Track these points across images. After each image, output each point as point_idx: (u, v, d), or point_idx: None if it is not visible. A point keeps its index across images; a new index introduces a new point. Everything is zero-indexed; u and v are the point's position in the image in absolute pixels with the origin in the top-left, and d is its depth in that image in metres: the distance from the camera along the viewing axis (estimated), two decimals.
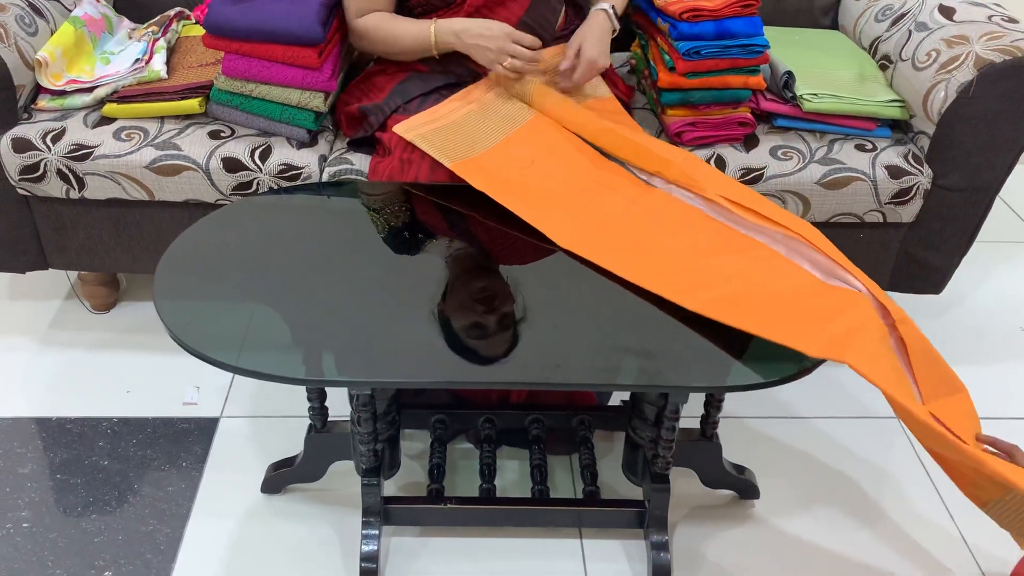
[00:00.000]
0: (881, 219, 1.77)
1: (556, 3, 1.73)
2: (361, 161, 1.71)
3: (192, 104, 1.73)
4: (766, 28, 1.70)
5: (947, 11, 1.79)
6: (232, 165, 1.69)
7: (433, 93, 1.69)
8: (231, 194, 1.72)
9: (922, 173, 1.73)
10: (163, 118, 1.75)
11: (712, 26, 1.66)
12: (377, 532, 1.47)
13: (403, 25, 1.68)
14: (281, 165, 1.70)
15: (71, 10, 1.91)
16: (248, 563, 1.51)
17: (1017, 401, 1.89)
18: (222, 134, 1.73)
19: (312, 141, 1.75)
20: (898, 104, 1.77)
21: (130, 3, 2.03)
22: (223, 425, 1.76)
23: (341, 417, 1.54)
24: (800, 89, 1.75)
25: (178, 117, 1.76)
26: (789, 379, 1.20)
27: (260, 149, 1.71)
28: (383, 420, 1.45)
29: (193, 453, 1.70)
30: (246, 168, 1.70)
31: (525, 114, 1.63)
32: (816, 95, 1.74)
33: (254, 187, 1.72)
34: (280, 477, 1.61)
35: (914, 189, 1.73)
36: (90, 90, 1.76)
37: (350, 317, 1.28)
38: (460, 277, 1.37)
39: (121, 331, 1.99)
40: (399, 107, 1.67)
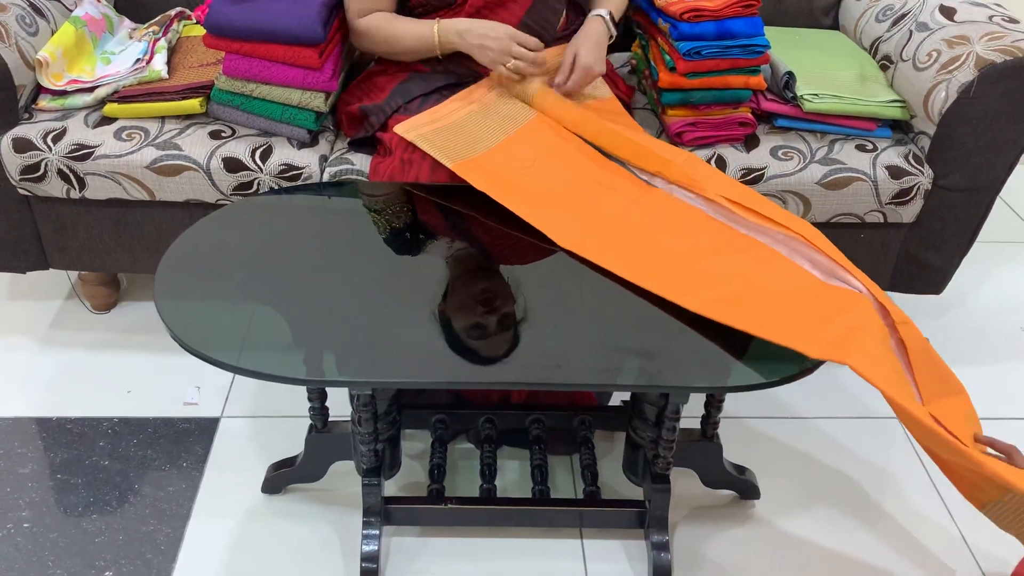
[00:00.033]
0: (882, 219, 1.77)
1: (557, 4, 1.73)
2: (362, 161, 1.71)
3: (193, 104, 1.73)
4: (767, 28, 1.70)
5: (948, 11, 1.79)
6: (233, 165, 1.69)
7: (434, 93, 1.69)
8: (232, 194, 1.72)
9: (923, 173, 1.73)
10: (164, 118, 1.75)
11: (713, 26, 1.66)
12: (378, 532, 1.47)
13: (405, 25, 1.68)
14: (282, 165, 1.70)
15: (72, 10, 1.91)
16: (249, 563, 1.51)
17: (1018, 401, 1.89)
18: (223, 134, 1.73)
19: (313, 141, 1.75)
20: (899, 104, 1.77)
21: (131, 3, 2.03)
22: (224, 425, 1.76)
23: (342, 417, 1.54)
24: (801, 89, 1.75)
25: (179, 117, 1.76)
26: (790, 379, 1.19)
27: (261, 149, 1.71)
28: (384, 420, 1.45)
29: (194, 453, 1.70)
30: (247, 168, 1.70)
31: (526, 114, 1.63)
32: (817, 95, 1.74)
33: (255, 187, 1.72)
34: (281, 477, 1.61)
35: (915, 189, 1.73)
36: (91, 90, 1.76)
37: (351, 317, 1.28)
38: (461, 277, 1.37)
39: (122, 331, 1.99)
40: (400, 107, 1.67)
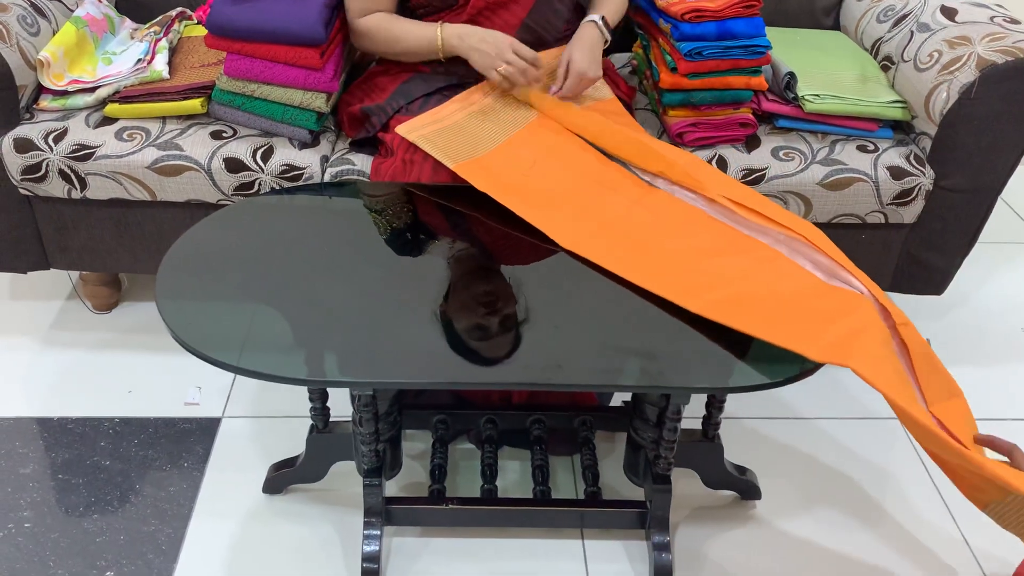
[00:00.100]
0: (883, 220, 1.77)
1: (559, 5, 1.73)
2: (363, 162, 1.71)
3: (194, 104, 1.73)
4: (768, 29, 1.70)
5: (949, 12, 1.79)
6: (234, 165, 1.69)
7: (435, 94, 1.69)
8: (233, 194, 1.72)
9: (924, 174, 1.73)
10: (165, 118, 1.75)
11: (714, 27, 1.66)
12: (379, 532, 1.47)
13: (407, 27, 1.68)
14: (283, 165, 1.70)
15: (73, 10, 1.91)
16: (250, 563, 1.51)
17: (1018, 402, 1.89)
18: (224, 134, 1.73)
19: (314, 142, 1.75)
20: (900, 105, 1.77)
21: (132, 3, 2.03)
22: (225, 425, 1.76)
23: (343, 417, 1.54)
24: (802, 90, 1.75)
25: (180, 117, 1.76)
26: (791, 380, 1.19)
27: (262, 149, 1.71)
28: (385, 420, 1.45)
29: (195, 453, 1.70)
30: (248, 168, 1.70)
31: (527, 115, 1.63)
32: (818, 96, 1.74)
33: (256, 187, 1.72)
34: (282, 477, 1.61)
35: (916, 190, 1.73)
36: (92, 90, 1.76)
37: (352, 318, 1.28)
38: (462, 278, 1.36)
39: (123, 331, 1.99)
40: (401, 108, 1.67)
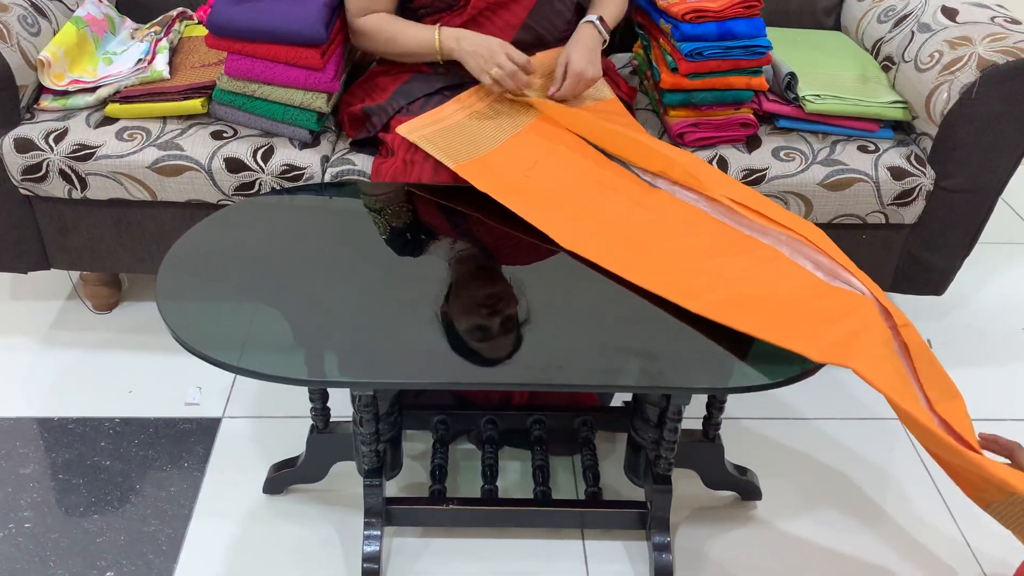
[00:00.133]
0: (883, 220, 1.77)
1: (560, 5, 1.73)
2: (364, 162, 1.71)
3: (195, 104, 1.73)
4: (769, 29, 1.70)
5: (950, 12, 1.79)
6: (234, 165, 1.69)
7: (436, 94, 1.69)
8: (233, 195, 1.72)
9: (924, 174, 1.73)
10: (165, 118, 1.75)
11: (715, 27, 1.66)
12: (379, 533, 1.47)
13: (405, 28, 1.68)
14: (283, 166, 1.70)
15: (74, 10, 1.91)
16: (250, 563, 1.51)
17: (1019, 402, 1.89)
18: (224, 134, 1.73)
19: (315, 142, 1.75)
20: (901, 105, 1.77)
21: (133, 3, 2.03)
22: (225, 425, 1.76)
23: (343, 418, 1.54)
24: (803, 90, 1.75)
25: (180, 117, 1.76)
26: (792, 381, 1.19)
27: (262, 150, 1.71)
28: (385, 421, 1.45)
29: (195, 453, 1.70)
30: (248, 168, 1.70)
31: (528, 116, 1.63)
32: (819, 96, 1.74)
33: (256, 188, 1.72)
34: (282, 478, 1.61)
35: (916, 190, 1.73)
36: (93, 90, 1.76)
37: (352, 318, 1.28)
38: (462, 278, 1.36)
39: (123, 331, 1.99)
40: (402, 108, 1.67)
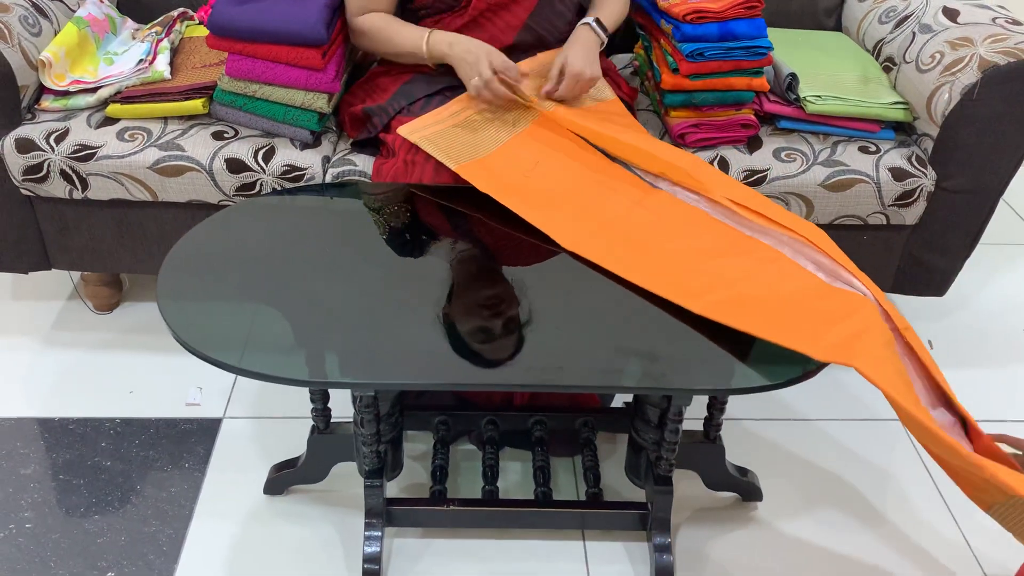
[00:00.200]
0: (884, 221, 1.77)
1: (561, 6, 1.73)
2: (365, 162, 1.71)
3: (196, 105, 1.73)
4: (770, 30, 1.70)
5: (951, 13, 1.79)
6: (235, 166, 1.69)
7: (437, 95, 1.68)
8: (234, 195, 1.72)
9: (926, 175, 1.73)
10: (166, 119, 1.75)
11: (716, 28, 1.65)
12: (380, 533, 1.47)
13: (400, 29, 1.68)
14: (284, 166, 1.70)
15: (75, 10, 1.91)
16: (250, 564, 1.51)
17: (1019, 403, 1.89)
18: (225, 135, 1.73)
19: (316, 142, 1.75)
20: (902, 106, 1.77)
21: (134, 3, 2.04)
22: (226, 426, 1.76)
23: (344, 418, 1.54)
24: (804, 91, 1.75)
25: (182, 118, 1.76)
26: (793, 382, 1.19)
27: (263, 150, 1.71)
28: (386, 422, 1.45)
29: (196, 454, 1.70)
30: (249, 169, 1.70)
31: (529, 117, 1.63)
32: (820, 97, 1.73)
33: (257, 188, 1.72)
34: (283, 478, 1.61)
35: (917, 191, 1.73)
36: (94, 90, 1.76)
37: (353, 318, 1.28)
38: (463, 279, 1.36)
39: (124, 331, 1.99)
40: (403, 108, 1.67)
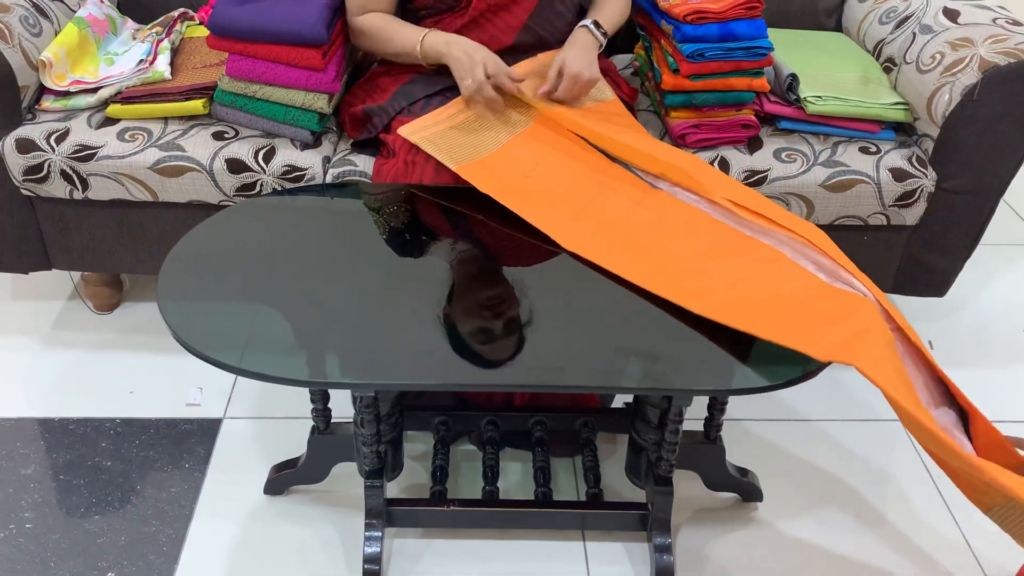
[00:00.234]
0: (885, 222, 1.77)
1: (561, 7, 1.73)
2: (365, 163, 1.71)
3: (196, 105, 1.73)
4: (770, 30, 1.70)
5: (951, 14, 1.79)
6: (236, 166, 1.69)
7: (437, 95, 1.68)
8: (235, 195, 1.72)
9: (926, 176, 1.72)
10: (167, 119, 1.75)
11: (716, 28, 1.65)
12: (380, 534, 1.47)
13: (398, 28, 1.68)
14: (285, 166, 1.70)
15: (75, 11, 1.91)
16: (251, 564, 1.51)
17: (1020, 404, 1.89)
18: (226, 135, 1.73)
19: (316, 143, 1.75)
20: (902, 107, 1.77)
21: (134, 4, 2.04)
22: (226, 426, 1.76)
23: (344, 419, 1.54)
24: (804, 91, 1.75)
25: (182, 118, 1.76)
26: (793, 382, 1.19)
27: (264, 150, 1.71)
28: (386, 422, 1.45)
29: (196, 454, 1.70)
30: (250, 169, 1.70)
31: (529, 117, 1.63)
32: (820, 97, 1.73)
33: (258, 188, 1.72)
34: (283, 478, 1.61)
35: (918, 192, 1.73)
36: (94, 91, 1.76)
37: (353, 319, 1.28)
38: (464, 279, 1.36)
39: (124, 332, 1.99)
40: (403, 109, 1.67)
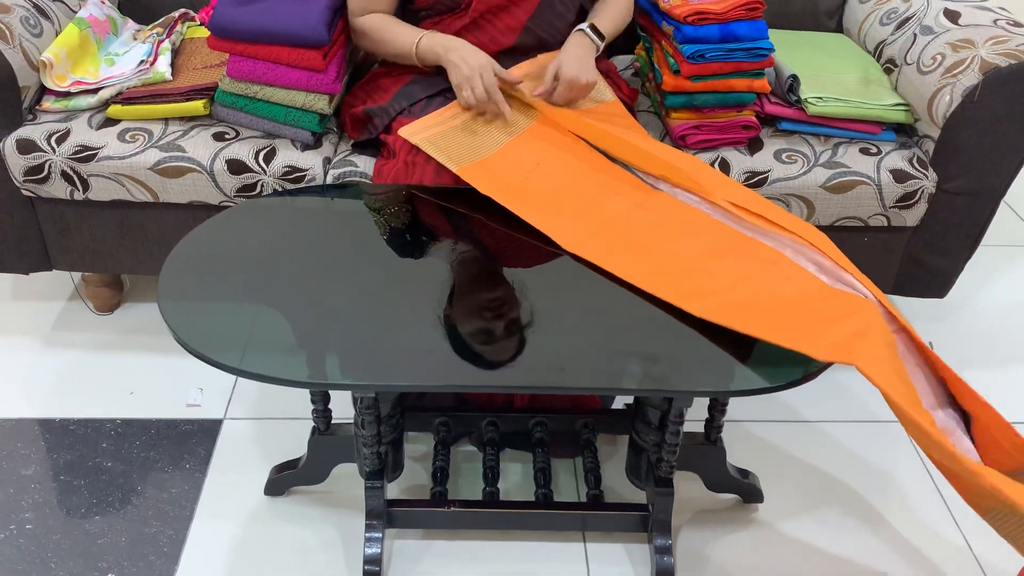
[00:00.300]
0: (886, 223, 1.77)
1: (561, 8, 1.72)
2: (365, 163, 1.71)
3: (196, 106, 1.73)
4: (771, 31, 1.70)
5: (952, 15, 1.79)
6: (236, 167, 1.69)
7: (437, 96, 1.68)
8: (235, 196, 1.72)
9: (927, 177, 1.72)
10: (167, 120, 1.75)
11: (717, 29, 1.65)
12: (380, 535, 1.47)
13: (397, 30, 1.68)
14: (285, 167, 1.70)
15: (76, 11, 1.91)
16: (251, 565, 1.51)
17: (1020, 404, 1.89)
18: (226, 136, 1.73)
19: (316, 143, 1.75)
20: (903, 108, 1.77)
21: (135, 4, 2.04)
22: (226, 427, 1.76)
23: (345, 420, 1.54)
24: (805, 92, 1.74)
25: (182, 119, 1.76)
26: (794, 384, 1.19)
27: (264, 151, 1.71)
28: (387, 423, 1.45)
29: (196, 455, 1.70)
30: (250, 170, 1.70)
31: (529, 118, 1.63)
32: (821, 98, 1.73)
33: (258, 189, 1.72)
34: (283, 479, 1.61)
35: (919, 193, 1.72)
36: (95, 91, 1.76)
37: (354, 320, 1.28)
38: (464, 280, 1.36)
39: (125, 332, 1.99)
40: (404, 109, 1.67)
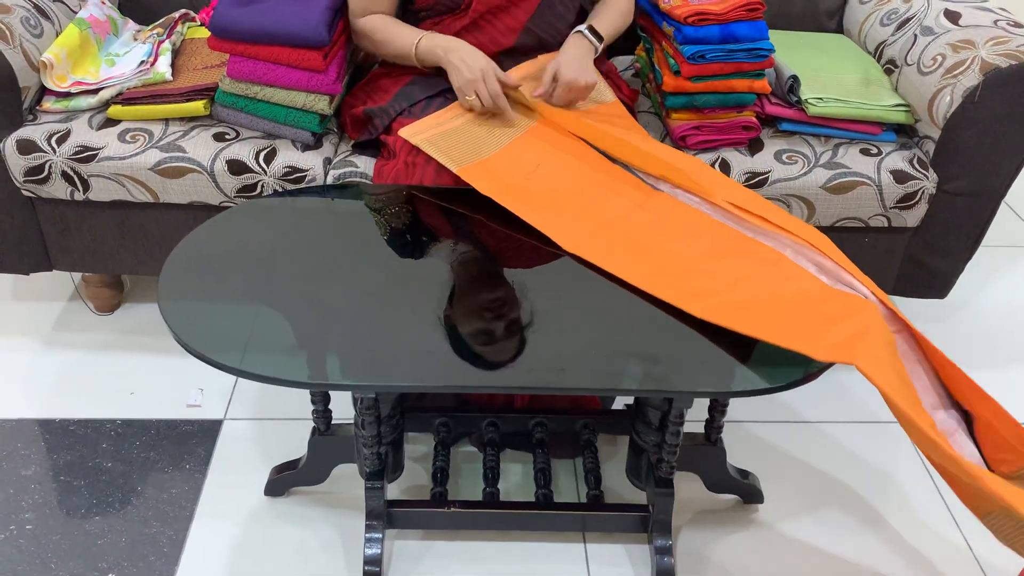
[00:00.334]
0: (886, 223, 1.77)
1: (562, 8, 1.72)
2: (366, 164, 1.71)
3: (197, 106, 1.73)
4: (771, 32, 1.70)
5: (953, 15, 1.79)
6: (237, 167, 1.69)
7: (438, 96, 1.68)
8: (236, 196, 1.72)
9: (927, 177, 1.72)
10: (168, 120, 1.75)
11: (717, 30, 1.65)
12: (380, 535, 1.47)
13: (397, 30, 1.68)
14: (286, 168, 1.70)
15: (76, 12, 1.91)
16: (251, 565, 1.51)
17: (1020, 404, 1.88)
18: (227, 136, 1.73)
19: (317, 144, 1.75)
20: (903, 108, 1.77)
21: (135, 5, 2.04)
22: (227, 427, 1.76)
23: (345, 420, 1.54)
24: (805, 93, 1.74)
25: (183, 119, 1.76)
26: (794, 384, 1.19)
27: (265, 151, 1.71)
28: (387, 424, 1.45)
29: (196, 455, 1.70)
30: (251, 170, 1.70)
31: (530, 119, 1.63)
32: (821, 99, 1.73)
33: (258, 189, 1.72)
34: (283, 480, 1.61)
35: (919, 193, 1.72)
36: (95, 92, 1.76)
37: (354, 320, 1.28)
38: (464, 280, 1.36)
39: (125, 333, 1.99)
40: (404, 110, 1.67)
